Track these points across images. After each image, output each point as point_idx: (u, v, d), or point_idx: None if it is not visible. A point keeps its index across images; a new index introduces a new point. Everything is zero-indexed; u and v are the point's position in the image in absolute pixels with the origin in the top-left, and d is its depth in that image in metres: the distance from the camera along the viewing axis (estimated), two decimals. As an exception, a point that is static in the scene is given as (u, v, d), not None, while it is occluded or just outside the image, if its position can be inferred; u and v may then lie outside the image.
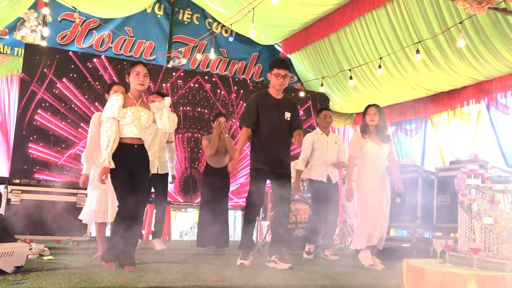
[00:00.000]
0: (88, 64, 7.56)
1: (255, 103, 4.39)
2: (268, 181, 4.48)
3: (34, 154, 7.04)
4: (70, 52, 7.58)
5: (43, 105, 7.19)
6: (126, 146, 3.76)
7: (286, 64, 4.50)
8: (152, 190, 5.70)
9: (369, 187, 4.63)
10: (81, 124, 7.28)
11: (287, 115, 4.39)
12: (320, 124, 5.83)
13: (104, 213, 4.33)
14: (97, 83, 7.55)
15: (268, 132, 4.32)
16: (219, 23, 9.07)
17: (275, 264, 4.17)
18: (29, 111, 7.12)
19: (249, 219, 4.42)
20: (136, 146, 3.80)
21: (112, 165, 3.64)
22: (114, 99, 3.76)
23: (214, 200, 5.61)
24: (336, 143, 5.73)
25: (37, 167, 7.05)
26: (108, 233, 4.56)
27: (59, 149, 7.21)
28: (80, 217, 4.49)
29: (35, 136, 7.07)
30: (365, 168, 4.72)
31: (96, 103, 7.40)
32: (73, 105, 7.38)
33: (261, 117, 4.34)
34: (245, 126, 4.40)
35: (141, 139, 3.85)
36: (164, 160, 5.72)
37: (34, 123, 7.11)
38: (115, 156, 3.73)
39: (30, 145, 7.03)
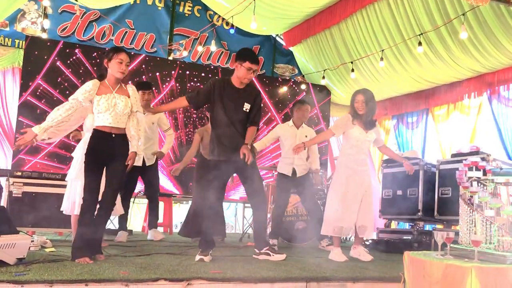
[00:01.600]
0: (90, 55, 7.56)
1: (211, 87, 4.14)
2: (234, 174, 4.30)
3: (35, 146, 7.03)
4: (76, 48, 7.56)
5: (44, 97, 7.19)
6: (102, 135, 3.64)
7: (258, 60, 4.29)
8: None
9: (346, 175, 4.51)
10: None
11: (246, 106, 4.14)
12: (295, 116, 5.63)
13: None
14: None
15: (224, 122, 4.09)
16: (220, 15, 9.03)
17: (268, 256, 4.10)
18: (30, 103, 7.12)
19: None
20: (114, 135, 3.67)
21: (41, 134, 3.57)
22: (86, 84, 3.67)
23: (208, 193, 5.51)
24: (306, 136, 5.51)
25: (39, 159, 7.06)
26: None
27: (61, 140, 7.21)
28: (62, 208, 4.43)
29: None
30: (346, 154, 4.61)
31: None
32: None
33: (217, 105, 4.09)
34: (186, 98, 4.17)
35: (119, 128, 3.70)
36: (152, 151, 5.62)
37: (36, 115, 7.10)
38: (90, 144, 3.65)
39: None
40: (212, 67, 8.82)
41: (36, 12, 7.98)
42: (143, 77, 7.90)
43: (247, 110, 4.14)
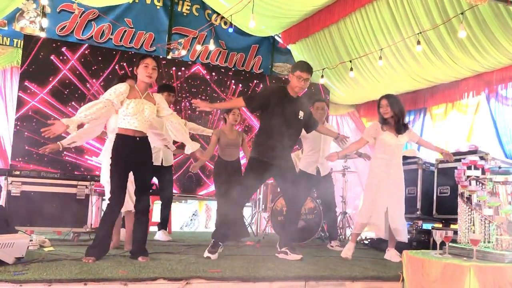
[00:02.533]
0: (90, 54, 7.56)
1: (271, 94, 4.41)
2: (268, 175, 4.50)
3: (34, 145, 7.02)
4: (85, 46, 7.55)
5: (42, 96, 7.17)
6: (127, 138, 3.75)
7: (311, 69, 4.45)
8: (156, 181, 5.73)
9: (378, 179, 4.61)
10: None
11: (301, 114, 4.41)
12: (315, 115, 5.71)
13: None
14: (100, 73, 7.59)
15: (280, 129, 4.30)
16: (218, 14, 9.03)
17: (285, 255, 4.22)
18: (29, 102, 7.12)
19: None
20: (138, 138, 3.79)
21: (73, 128, 3.61)
22: (120, 85, 3.77)
23: (229, 194, 5.54)
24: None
25: (37, 158, 7.05)
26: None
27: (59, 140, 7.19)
28: None
29: (35, 127, 7.07)
30: (378, 158, 4.69)
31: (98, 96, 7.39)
32: (72, 97, 7.38)
33: (275, 112, 4.30)
34: (244, 99, 4.38)
35: (143, 132, 3.83)
36: (170, 153, 5.65)
37: (34, 114, 7.10)
38: (115, 147, 3.73)
39: (29, 136, 7.02)
40: (211, 66, 8.82)
41: (35, 11, 7.96)
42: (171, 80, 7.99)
43: (301, 118, 4.41)
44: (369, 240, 6.20)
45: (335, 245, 5.55)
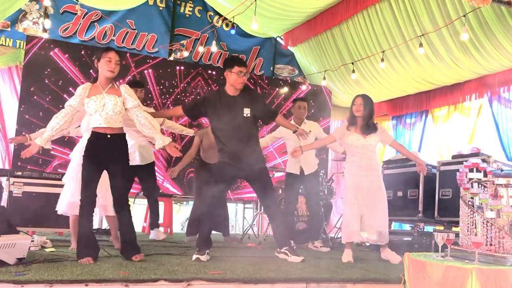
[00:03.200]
0: (90, 55, 7.56)
1: (205, 101, 4.26)
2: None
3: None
4: (87, 47, 7.56)
5: (44, 97, 7.19)
6: (97, 136, 3.64)
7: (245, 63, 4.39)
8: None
9: (351, 182, 4.53)
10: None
11: (246, 111, 4.20)
12: (294, 115, 5.67)
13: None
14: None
15: (225, 131, 4.17)
16: (220, 16, 9.04)
17: (286, 256, 4.18)
18: (31, 102, 7.13)
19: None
20: (109, 136, 3.64)
21: (44, 145, 3.58)
22: (78, 89, 3.69)
23: (209, 196, 5.46)
24: (310, 131, 5.41)
25: (39, 159, 7.06)
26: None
27: (61, 140, 7.21)
28: (57, 208, 4.37)
29: (37, 128, 7.07)
30: (349, 162, 4.62)
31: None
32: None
33: (215, 116, 4.17)
34: (183, 109, 4.28)
35: (113, 128, 3.65)
36: (147, 150, 5.60)
37: (36, 114, 7.11)
38: (87, 146, 3.66)
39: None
40: (214, 68, 8.83)
41: (38, 12, 7.99)
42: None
43: (248, 115, 4.19)
44: (369, 243, 6.18)
45: (319, 246, 5.47)
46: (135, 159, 5.44)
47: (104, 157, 3.65)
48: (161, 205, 7.11)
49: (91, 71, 7.41)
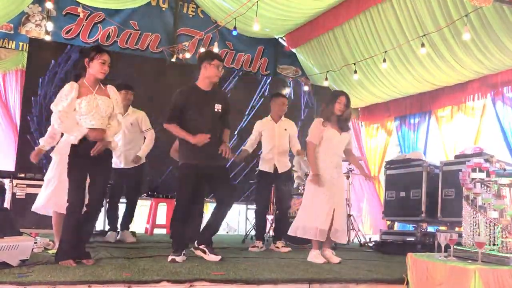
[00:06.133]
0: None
1: (182, 97, 4.12)
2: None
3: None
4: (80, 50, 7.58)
5: (47, 99, 7.21)
6: (86, 138, 3.49)
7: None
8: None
9: (324, 177, 4.41)
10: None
11: (218, 107, 4.14)
12: (273, 110, 5.49)
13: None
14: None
15: (198, 127, 4.05)
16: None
17: (203, 253, 4.08)
18: (34, 105, 7.15)
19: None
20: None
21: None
22: (68, 90, 3.50)
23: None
24: (286, 130, 5.42)
25: (43, 161, 7.06)
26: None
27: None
28: (35, 208, 4.30)
29: (41, 130, 7.10)
30: (320, 156, 4.48)
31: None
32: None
33: (187, 112, 4.04)
34: (172, 123, 4.08)
35: (103, 129, 3.57)
36: (132, 153, 5.51)
37: (39, 116, 7.13)
38: (77, 147, 3.50)
39: (35, 138, 7.05)
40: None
41: (40, 14, 8.01)
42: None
43: (219, 111, 4.14)
44: (373, 243, 6.18)
45: (281, 246, 5.32)
46: (121, 161, 5.43)
47: (91, 159, 3.51)
48: (164, 207, 7.13)
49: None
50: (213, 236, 4.27)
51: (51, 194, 4.14)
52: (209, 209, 9.23)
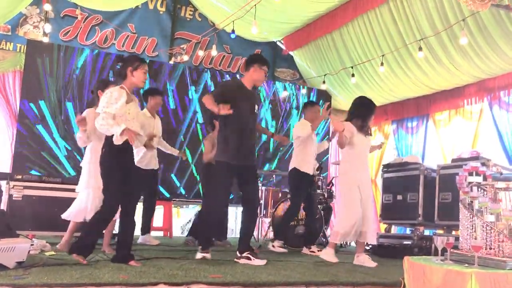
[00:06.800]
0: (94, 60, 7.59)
1: (232, 87, 4.21)
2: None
3: (35, 150, 7.04)
4: (88, 51, 7.57)
5: (45, 101, 7.20)
6: (127, 144, 3.60)
7: None
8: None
9: (355, 179, 4.59)
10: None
11: (256, 107, 4.26)
12: (310, 118, 5.58)
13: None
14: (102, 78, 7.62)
15: (242, 124, 4.10)
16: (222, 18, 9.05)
17: (248, 260, 4.10)
18: (31, 107, 7.13)
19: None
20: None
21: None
22: (119, 94, 3.58)
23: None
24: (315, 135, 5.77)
25: (39, 163, 7.06)
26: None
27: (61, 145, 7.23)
28: (67, 215, 4.41)
29: (37, 131, 7.09)
30: (352, 159, 4.68)
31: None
32: (74, 100, 7.41)
33: (235, 107, 3.99)
34: (209, 94, 4.11)
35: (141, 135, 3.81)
36: (155, 156, 5.68)
37: (36, 118, 7.11)
38: (121, 151, 3.59)
39: (31, 141, 7.05)
40: (216, 71, 8.85)
41: (38, 16, 8.00)
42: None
43: (257, 112, 4.28)
44: (370, 246, 6.18)
45: (277, 246, 5.47)
46: (152, 163, 5.58)
47: (130, 163, 3.72)
48: (161, 209, 7.11)
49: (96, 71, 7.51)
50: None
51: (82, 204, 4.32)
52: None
